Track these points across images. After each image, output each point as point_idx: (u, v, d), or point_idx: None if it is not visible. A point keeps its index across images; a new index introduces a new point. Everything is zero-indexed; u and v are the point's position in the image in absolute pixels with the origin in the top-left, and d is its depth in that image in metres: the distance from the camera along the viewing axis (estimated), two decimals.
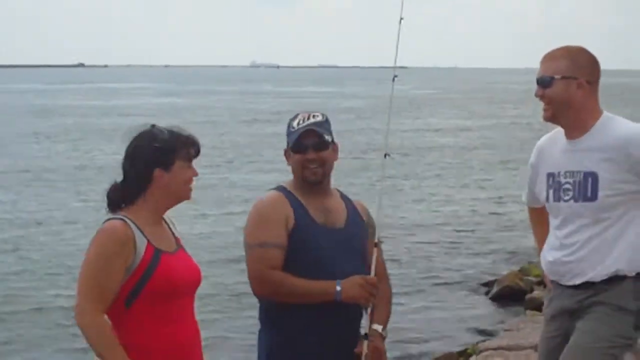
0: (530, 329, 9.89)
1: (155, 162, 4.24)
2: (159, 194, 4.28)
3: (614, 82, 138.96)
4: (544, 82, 4.88)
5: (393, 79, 5.19)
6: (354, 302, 4.69)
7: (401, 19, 5.23)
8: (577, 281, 4.84)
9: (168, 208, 4.36)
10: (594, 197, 4.75)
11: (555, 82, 4.85)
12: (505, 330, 10.79)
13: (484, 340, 11.48)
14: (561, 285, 4.96)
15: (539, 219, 5.17)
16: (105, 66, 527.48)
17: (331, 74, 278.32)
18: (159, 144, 4.24)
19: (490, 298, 15.24)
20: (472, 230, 21.48)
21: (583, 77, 4.84)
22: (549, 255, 5.00)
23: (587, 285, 4.81)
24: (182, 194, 4.34)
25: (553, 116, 4.90)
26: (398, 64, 5.15)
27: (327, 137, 4.82)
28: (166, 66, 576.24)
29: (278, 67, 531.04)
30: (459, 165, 34.58)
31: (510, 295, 14.83)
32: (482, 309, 14.66)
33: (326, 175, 4.84)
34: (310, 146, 4.77)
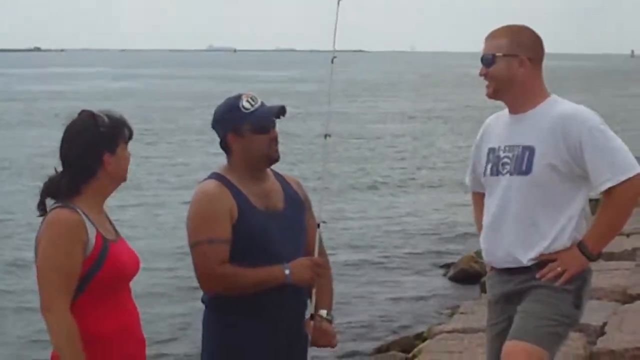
0: (484, 311, 9.75)
1: (103, 146, 4.18)
2: (106, 179, 4.22)
3: (565, 65, 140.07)
4: (486, 61, 4.88)
5: (332, 60, 5.11)
6: (302, 283, 4.66)
7: (339, 0, 5.14)
8: (509, 265, 4.86)
9: (111, 193, 4.31)
10: (528, 170, 4.74)
11: (497, 59, 4.85)
12: (460, 313, 10.75)
13: (439, 324, 11.47)
14: (497, 270, 4.97)
15: (482, 206, 5.10)
16: (62, 50, 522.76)
17: (288, 57, 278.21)
18: (104, 129, 4.19)
19: (445, 281, 15.29)
20: (425, 215, 21.54)
21: (525, 55, 4.84)
22: (483, 236, 5.02)
23: (520, 269, 4.81)
24: (124, 176, 4.30)
25: (495, 92, 4.90)
26: (355, 48, 5.06)
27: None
28: (123, 50, 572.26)
29: (235, 50, 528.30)
30: (410, 149, 34.69)
31: (466, 278, 14.88)
32: (438, 293, 14.68)
33: None
34: (272, 125, 4.71)
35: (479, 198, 5.15)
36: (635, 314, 8.68)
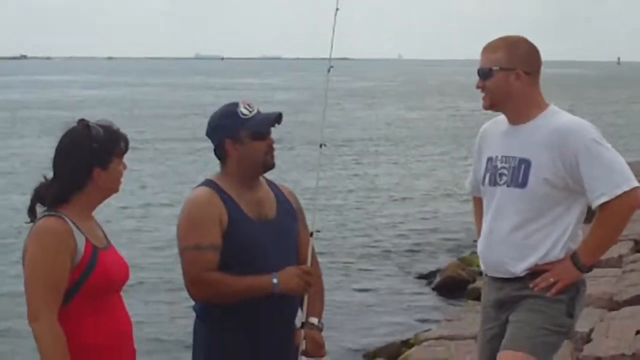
0: (471, 318, 9.91)
1: (94, 162, 4.17)
2: (96, 191, 4.22)
3: (552, 72, 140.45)
4: (483, 74, 4.87)
5: (328, 70, 5.13)
6: (291, 292, 4.63)
7: (337, 9, 5.14)
8: (501, 275, 4.88)
9: (100, 202, 4.31)
10: (524, 183, 4.75)
11: (494, 73, 4.84)
12: (447, 320, 10.79)
13: (426, 330, 11.51)
14: (491, 276, 4.99)
15: (482, 209, 5.11)
16: (48, 58, 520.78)
17: (274, 65, 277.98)
18: (97, 145, 4.17)
19: (432, 288, 15.29)
20: (413, 221, 21.57)
21: (521, 68, 4.83)
22: (479, 244, 5.04)
23: (513, 278, 4.83)
24: (116, 188, 4.31)
25: (491, 105, 4.90)
26: (340, 56, 5.09)
27: None
28: (109, 58, 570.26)
29: (222, 58, 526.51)
30: (397, 156, 34.71)
31: (453, 285, 14.90)
32: (425, 299, 14.70)
33: None
34: (268, 132, 4.71)
35: (479, 202, 5.16)
36: (622, 321, 8.73)
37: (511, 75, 4.82)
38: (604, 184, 4.64)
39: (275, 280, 4.57)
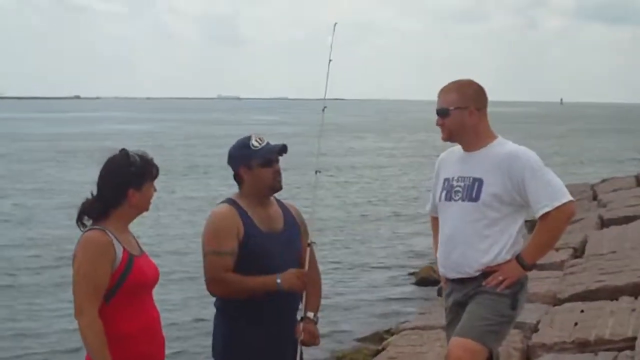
0: (440, 312, 9.81)
1: (130, 183, 4.20)
2: (130, 209, 4.25)
3: (503, 111, 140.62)
4: (442, 113, 4.87)
5: (323, 110, 5.18)
6: (292, 290, 4.66)
7: (330, 60, 5.18)
8: (460, 275, 4.86)
9: (134, 218, 4.33)
10: (477, 198, 4.75)
11: (451, 112, 4.84)
12: (420, 313, 10.76)
13: (403, 322, 11.47)
14: (451, 280, 4.96)
15: (438, 227, 5.10)
16: (98, 98, 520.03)
17: (282, 104, 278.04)
18: (134, 169, 4.20)
19: (409, 287, 15.32)
20: (392, 232, 21.54)
21: (472, 106, 4.84)
22: (439, 251, 5.00)
23: (469, 279, 4.83)
24: (147, 207, 4.33)
25: (449, 137, 4.92)
26: (336, 97, 5.11)
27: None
28: (148, 98, 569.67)
29: (239, 99, 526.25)
30: (379, 178, 34.54)
31: (426, 284, 14.97)
32: (404, 296, 14.66)
33: None
34: (276, 160, 4.75)
35: (436, 222, 5.14)
36: (563, 314, 8.70)
37: (465, 112, 4.82)
38: (546, 198, 4.67)
39: (279, 280, 4.61)
